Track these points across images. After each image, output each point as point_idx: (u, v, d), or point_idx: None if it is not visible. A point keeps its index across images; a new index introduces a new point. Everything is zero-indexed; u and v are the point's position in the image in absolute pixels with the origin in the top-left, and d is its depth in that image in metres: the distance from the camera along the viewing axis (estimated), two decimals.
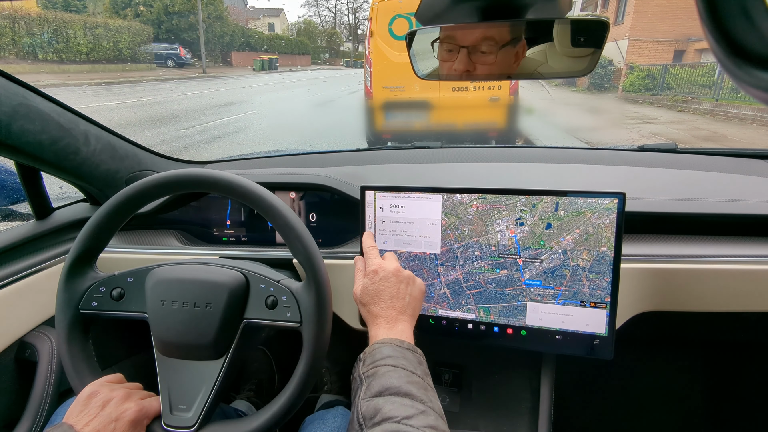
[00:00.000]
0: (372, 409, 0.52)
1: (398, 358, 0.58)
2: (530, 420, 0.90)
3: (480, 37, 0.61)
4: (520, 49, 0.62)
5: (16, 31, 14.39)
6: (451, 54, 0.64)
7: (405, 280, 0.70)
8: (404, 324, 0.66)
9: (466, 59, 0.63)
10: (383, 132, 5.15)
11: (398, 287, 0.69)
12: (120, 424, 0.60)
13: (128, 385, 0.68)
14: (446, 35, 0.63)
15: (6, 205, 1.21)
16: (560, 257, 0.77)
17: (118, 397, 0.62)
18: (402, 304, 0.68)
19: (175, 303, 0.68)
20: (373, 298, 0.68)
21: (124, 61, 18.33)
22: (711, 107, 10.05)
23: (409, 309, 0.68)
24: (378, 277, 0.70)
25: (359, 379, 0.58)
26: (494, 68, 0.64)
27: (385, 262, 0.72)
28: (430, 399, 0.54)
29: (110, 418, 0.60)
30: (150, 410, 0.65)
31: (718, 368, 1.25)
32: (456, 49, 0.63)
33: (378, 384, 0.55)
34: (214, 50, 25.84)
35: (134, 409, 0.62)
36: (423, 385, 0.56)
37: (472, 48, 0.62)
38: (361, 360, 0.60)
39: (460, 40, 0.62)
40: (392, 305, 0.67)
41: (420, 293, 0.72)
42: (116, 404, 0.62)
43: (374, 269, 0.71)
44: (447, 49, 0.64)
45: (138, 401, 0.64)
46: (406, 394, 0.53)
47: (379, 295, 0.68)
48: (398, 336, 0.63)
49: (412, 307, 0.69)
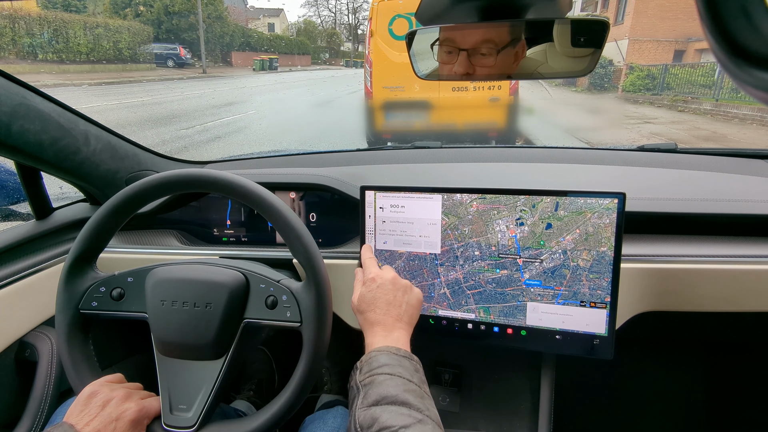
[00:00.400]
0: (369, 419, 0.52)
1: (395, 366, 0.58)
2: (530, 420, 0.90)
3: (479, 39, 0.61)
4: (520, 49, 0.62)
5: (16, 31, 14.38)
6: (450, 56, 0.64)
7: (402, 288, 0.70)
8: (400, 331, 0.66)
9: (466, 62, 0.63)
10: (383, 132, 5.15)
11: (395, 294, 0.69)
12: (120, 424, 0.60)
13: (128, 385, 0.68)
14: (446, 37, 0.63)
15: (6, 205, 1.21)
16: (560, 257, 0.77)
17: (118, 397, 0.62)
18: (398, 311, 0.68)
19: (175, 303, 0.68)
20: (370, 305, 0.68)
21: (124, 61, 18.33)
22: (711, 107, 10.05)
23: (405, 317, 0.68)
24: (375, 284, 0.70)
25: (356, 388, 0.58)
26: (494, 70, 0.64)
27: (383, 271, 0.72)
28: (428, 407, 0.54)
29: (110, 417, 0.60)
30: (150, 410, 0.65)
31: (718, 368, 1.25)
32: (455, 51, 0.63)
33: (375, 393, 0.55)
34: (214, 50, 25.84)
35: (134, 409, 0.62)
36: (420, 393, 0.56)
37: (471, 50, 0.62)
38: (358, 368, 0.60)
39: (460, 42, 0.63)
40: (388, 312, 0.67)
41: (417, 302, 0.72)
42: (116, 404, 0.62)
43: (371, 277, 0.71)
44: (446, 51, 0.64)
45: (138, 401, 0.64)
46: (403, 402, 0.53)
47: (375, 302, 0.68)
48: (394, 344, 0.63)
49: (409, 314, 0.69)
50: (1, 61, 13.54)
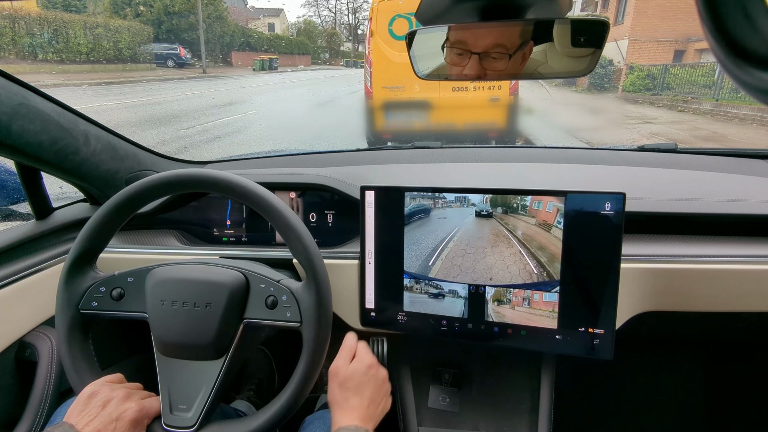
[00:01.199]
0: None
1: None
2: (530, 420, 0.90)
3: (491, 44, 0.61)
4: (528, 51, 0.62)
5: (16, 31, 14.37)
6: (461, 58, 0.64)
7: (386, 392, 0.73)
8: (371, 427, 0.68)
9: (478, 65, 0.63)
10: (383, 132, 5.15)
11: (380, 394, 0.71)
12: (121, 424, 0.60)
13: (129, 385, 0.68)
14: (456, 39, 0.63)
15: (6, 205, 1.21)
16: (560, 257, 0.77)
17: (118, 397, 0.62)
18: (375, 410, 0.69)
19: (175, 303, 0.68)
20: (358, 389, 0.69)
21: (124, 61, 18.31)
22: (711, 107, 10.05)
23: (376, 417, 0.70)
24: (371, 373, 0.71)
25: None
26: (504, 73, 0.64)
27: (381, 367, 0.74)
28: None
29: (111, 417, 0.60)
30: (150, 410, 0.65)
31: (717, 368, 1.25)
32: (466, 54, 0.63)
33: None
34: (214, 50, 25.82)
35: (135, 409, 0.62)
36: None
37: (482, 54, 0.62)
38: None
39: (472, 46, 0.62)
40: (369, 406, 0.68)
41: (384, 412, 0.73)
42: (117, 404, 0.62)
43: (370, 363, 0.72)
44: (457, 53, 0.64)
45: (139, 401, 0.64)
46: None
47: (362, 390, 0.69)
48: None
49: (378, 416, 0.71)
50: (1, 61, 13.54)
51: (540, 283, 0.78)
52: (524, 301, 0.80)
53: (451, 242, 0.82)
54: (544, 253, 0.78)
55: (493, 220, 0.80)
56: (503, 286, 0.80)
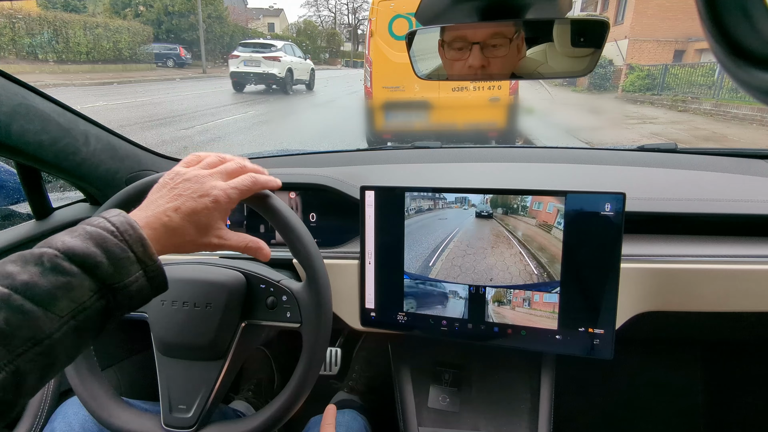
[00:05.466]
0: None
1: None
2: (530, 420, 0.90)
3: (491, 32, 0.61)
4: (520, 41, 0.62)
5: (16, 31, 14.38)
6: (462, 52, 0.64)
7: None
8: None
9: (480, 54, 0.63)
10: (383, 132, 5.15)
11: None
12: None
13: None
14: (455, 36, 0.63)
15: (6, 205, 1.21)
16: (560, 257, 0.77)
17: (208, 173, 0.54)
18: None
19: (175, 303, 0.68)
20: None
21: (124, 61, 18.30)
22: (711, 107, 10.05)
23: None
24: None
25: None
26: (506, 61, 0.64)
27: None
28: None
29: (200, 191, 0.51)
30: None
31: (717, 368, 1.25)
32: (467, 46, 0.63)
33: None
34: (214, 50, 25.79)
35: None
36: None
37: (483, 43, 0.62)
38: None
39: (471, 37, 0.62)
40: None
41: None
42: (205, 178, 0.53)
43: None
44: (458, 48, 0.64)
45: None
46: None
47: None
48: None
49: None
50: (1, 61, 13.55)
51: (540, 284, 0.78)
52: (524, 301, 0.80)
53: (451, 243, 0.82)
54: (545, 254, 0.78)
55: (494, 220, 0.80)
56: (503, 287, 0.80)
